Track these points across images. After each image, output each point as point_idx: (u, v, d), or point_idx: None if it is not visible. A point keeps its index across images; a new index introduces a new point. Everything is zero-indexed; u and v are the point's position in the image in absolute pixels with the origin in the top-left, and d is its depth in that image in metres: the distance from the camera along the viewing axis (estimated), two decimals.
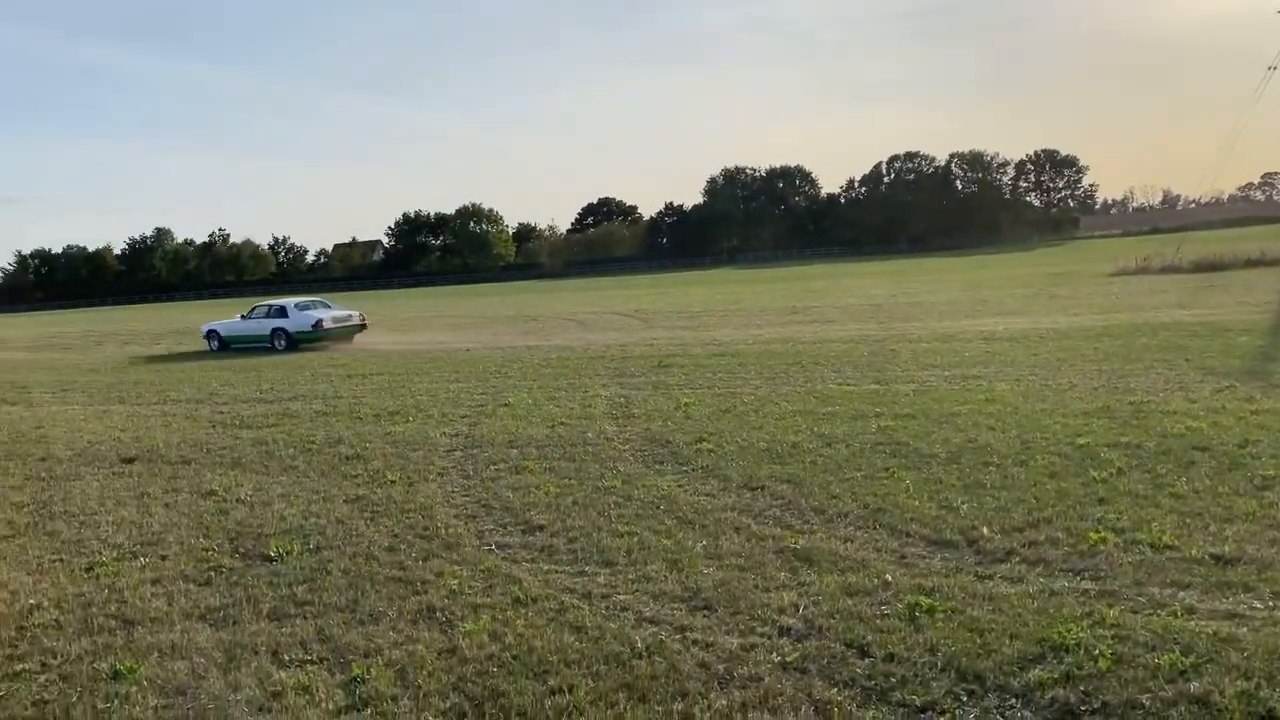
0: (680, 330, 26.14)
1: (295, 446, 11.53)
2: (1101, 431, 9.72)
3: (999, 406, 11.40)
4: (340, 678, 5.10)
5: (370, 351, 24.85)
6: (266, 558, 7.21)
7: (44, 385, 20.78)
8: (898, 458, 9.18)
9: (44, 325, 59.42)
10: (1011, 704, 4.46)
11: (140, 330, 44.82)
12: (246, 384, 18.56)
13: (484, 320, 36.18)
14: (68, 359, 29.27)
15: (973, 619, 5.33)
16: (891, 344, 19.13)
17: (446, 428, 12.22)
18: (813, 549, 6.68)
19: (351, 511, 8.42)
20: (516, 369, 18.60)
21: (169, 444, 12.17)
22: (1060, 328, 20.38)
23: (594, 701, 4.66)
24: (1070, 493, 7.66)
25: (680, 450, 10.09)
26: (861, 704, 4.52)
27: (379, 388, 16.78)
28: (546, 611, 5.84)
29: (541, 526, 7.64)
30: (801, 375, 15.22)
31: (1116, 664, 4.72)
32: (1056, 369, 14.25)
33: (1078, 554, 6.30)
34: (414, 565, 6.84)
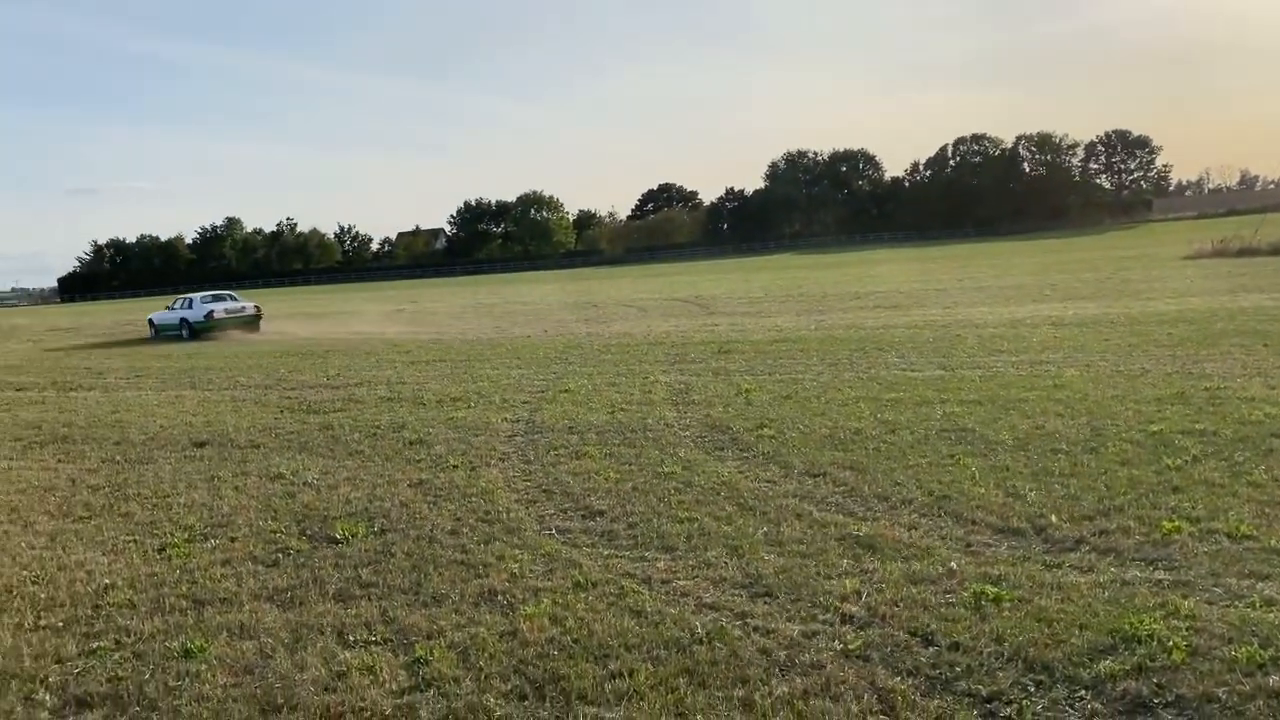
0: (741, 316, 26.02)
1: (360, 431, 11.71)
2: (1176, 418, 9.45)
3: (1068, 393, 11.15)
4: (404, 659, 5.16)
5: (436, 342, 25.13)
6: (332, 540, 7.33)
7: (118, 371, 21.36)
8: (963, 444, 9.03)
9: (119, 312, 61.09)
10: (1081, 695, 4.35)
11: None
12: (313, 370, 18.89)
13: (541, 311, 36.36)
14: (141, 346, 30.04)
15: (1041, 608, 5.21)
16: (957, 329, 18.82)
17: (508, 413, 12.30)
18: (876, 536, 6.59)
19: (415, 495, 8.52)
20: (577, 355, 18.66)
21: (238, 428, 12.43)
22: (1132, 312, 19.86)
23: (654, 686, 4.66)
24: (1143, 481, 7.45)
25: (741, 436, 10.04)
26: (925, 693, 4.45)
27: (442, 374, 16.96)
28: (607, 596, 5.85)
29: (601, 512, 7.65)
30: (864, 361, 15.04)
31: (1191, 656, 4.58)
32: (1128, 354, 13.89)
33: (1151, 543, 6.14)
34: (476, 549, 6.90)
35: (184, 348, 27.58)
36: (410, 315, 37.51)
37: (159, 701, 4.85)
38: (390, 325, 32.43)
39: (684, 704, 4.49)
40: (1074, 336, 16.43)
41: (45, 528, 8.20)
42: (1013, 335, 17.19)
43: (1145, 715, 4.18)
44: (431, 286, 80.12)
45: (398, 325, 32.24)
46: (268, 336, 30.32)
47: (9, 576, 6.91)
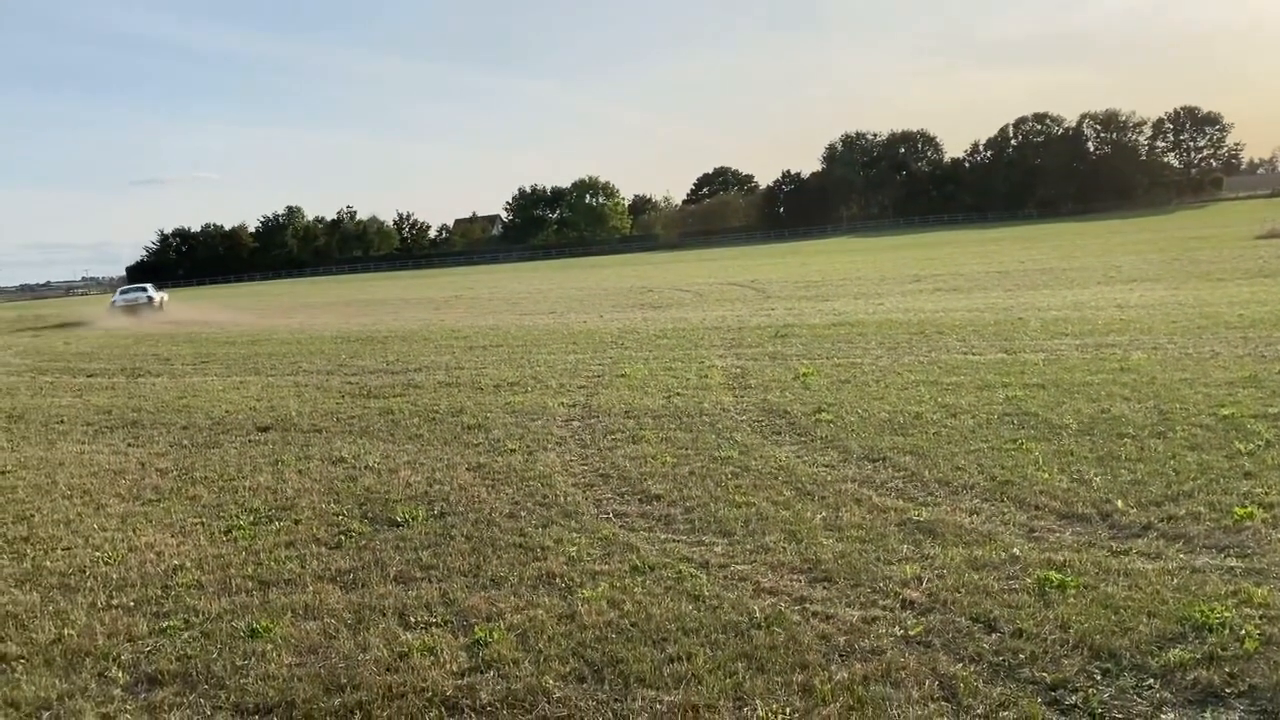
0: (797, 300, 25.82)
1: (420, 416, 11.83)
2: (1248, 402, 9.19)
3: (1134, 376, 10.90)
4: (464, 640, 5.21)
5: (494, 327, 25.32)
6: (393, 523, 7.42)
7: (184, 357, 21.84)
8: (1026, 429, 8.87)
9: (185, 299, 62.41)
10: (1149, 684, 4.26)
11: (274, 303, 46.66)
12: (373, 355, 19.14)
13: (596, 296, 36.41)
14: (205, 332, 30.69)
15: (1107, 595, 5.11)
16: (1019, 312, 18.48)
17: (564, 398, 12.35)
18: (936, 521, 6.51)
19: (473, 479, 8.59)
20: (633, 340, 18.67)
21: (301, 413, 12.64)
22: (1201, 294, 19.34)
23: (712, 670, 4.65)
24: (1213, 466, 7.26)
25: (798, 421, 9.97)
26: (988, 680, 4.38)
27: (499, 359, 17.08)
28: (664, 580, 5.85)
29: (658, 496, 7.65)
30: (924, 345, 14.84)
31: (1264, 645, 4.46)
32: (1197, 336, 13.53)
33: (1222, 530, 5.98)
34: (534, 532, 6.94)
35: (247, 335, 28.11)
36: (468, 302, 37.82)
37: (226, 680, 4.96)
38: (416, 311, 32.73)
39: (742, 688, 4.48)
40: (1140, 319, 16.05)
41: (116, 510, 8.42)
42: (1077, 318, 16.84)
43: (1216, 705, 4.08)
44: (487, 273, 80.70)
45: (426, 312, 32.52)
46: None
47: (82, 557, 7.10)
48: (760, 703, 4.33)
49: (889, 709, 4.20)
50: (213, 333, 29.90)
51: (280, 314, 38.84)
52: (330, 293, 57.25)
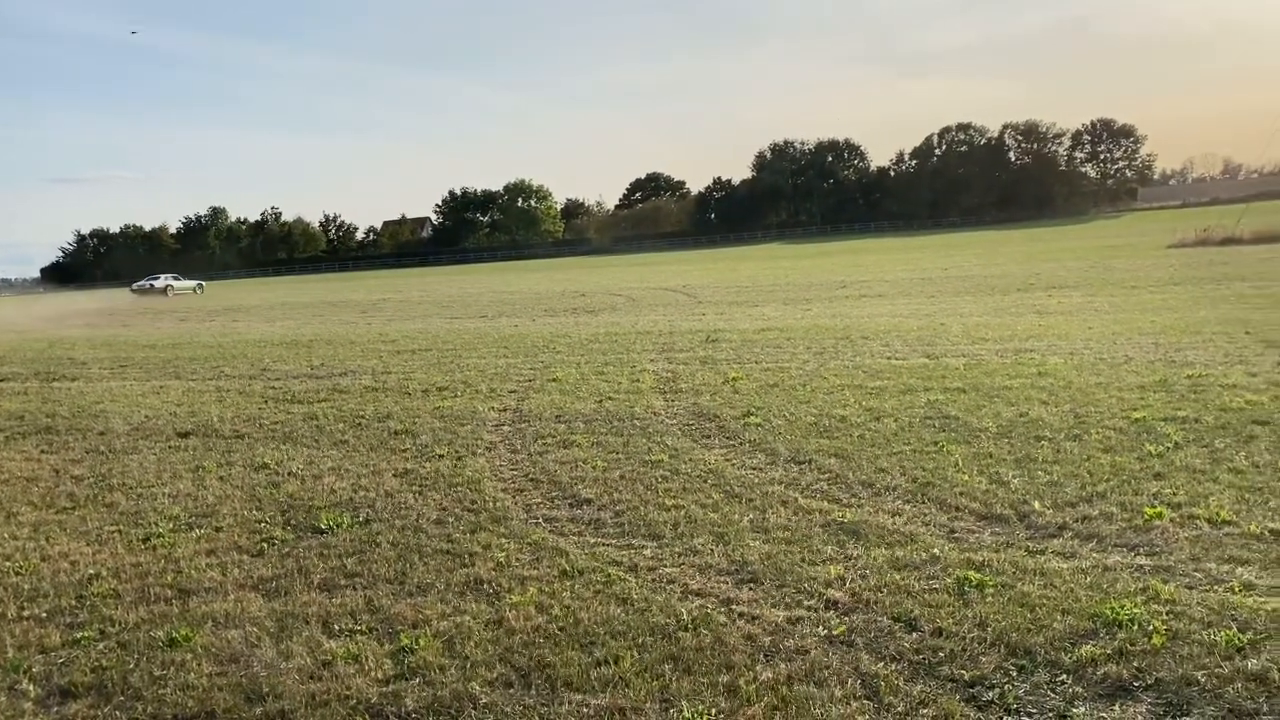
0: (728, 305, 26.03)
1: (345, 421, 11.68)
2: (1158, 405, 9.52)
3: (1052, 380, 11.21)
4: (389, 647, 5.16)
5: (422, 331, 25.07)
6: (317, 530, 7.32)
7: (101, 361, 21.22)
8: (947, 432, 9.07)
9: (100, 302, 60.62)
10: (1062, 679, 4.39)
11: (196, 306, 45.62)
12: (298, 359, 18.82)
13: (528, 300, 36.28)
14: (125, 335, 29.88)
15: (1023, 594, 5.26)
16: (942, 318, 18.88)
17: (494, 403, 12.29)
18: (860, 523, 6.63)
19: (400, 485, 8.51)
20: (565, 344, 18.64)
21: (223, 418, 12.38)
22: (1116, 301, 19.97)
23: (639, 673, 4.68)
24: (1125, 467, 7.51)
25: (727, 424, 10.06)
26: (909, 678, 4.48)
27: (428, 363, 16.92)
28: (593, 584, 5.86)
29: (589, 500, 7.66)
30: (850, 350, 15.08)
31: (1171, 640, 4.63)
32: (1112, 342, 13.97)
33: (1133, 529, 6.19)
34: (462, 538, 6.90)
35: (169, 338, 27.43)
36: (397, 305, 37.39)
37: (144, 691, 4.85)
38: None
39: (669, 690, 4.51)
40: (1058, 325, 16.51)
41: (28, 518, 8.16)
42: (997, 324, 17.26)
43: (1125, 699, 4.22)
44: (417, 275, 79.83)
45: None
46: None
47: None
48: (686, 704, 4.37)
49: (812, 708, 4.27)
50: (133, 336, 29.12)
51: (203, 318, 37.99)
52: (254, 295, 56.15)
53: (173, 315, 40.10)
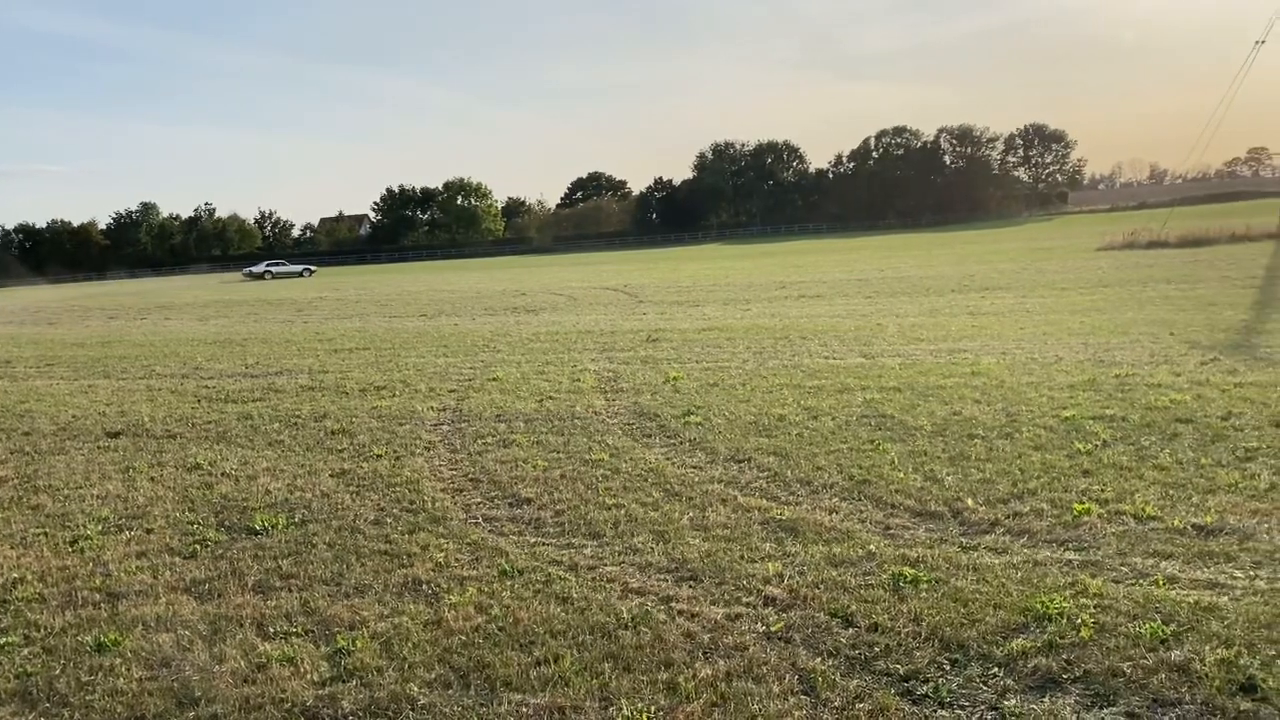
0: (669, 305, 26.11)
1: (281, 421, 11.50)
2: (1087, 404, 9.76)
3: (985, 380, 11.43)
4: (325, 649, 5.10)
5: (360, 330, 24.76)
6: (252, 531, 7.20)
7: (26, 360, 20.64)
8: (883, 430, 9.21)
9: (25, 299, 58.90)
10: (994, 673, 4.49)
11: (126, 304, 44.50)
12: (232, 358, 18.48)
13: (468, 299, 36.02)
14: (52, 334, 29.08)
15: (957, 589, 5.36)
16: (878, 318, 19.14)
17: (433, 402, 12.19)
18: (798, 520, 6.70)
19: (337, 485, 8.41)
20: (505, 344, 18.56)
21: (154, 418, 12.11)
22: (1047, 302, 20.41)
23: (579, 672, 4.68)
24: (1055, 465, 7.69)
25: (668, 424, 10.09)
26: (845, 673, 4.54)
27: (365, 362, 16.73)
28: (533, 584, 5.85)
29: (529, 500, 7.64)
30: (789, 349, 15.22)
31: (1099, 633, 4.75)
32: (1042, 343, 14.28)
33: (1062, 525, 6.34)
34: (400, 539, 6.84)
35: (97, 337, 26.76)
36: (334, 303, 36.86)
37: (70, 697, 4.73)
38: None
39: (608, 688, 4.52)
40: (991, 325, 16.84)
41: None
42: (932, 324, 17.56)
43: (1054, 690, 4.33)
44: (354, 273, 78.78)
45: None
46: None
47: None
48: (626, 702, 4.38)
49: (750, 704, 4.31)
50: (60, 334, 28.35)
51: (134, 316, 37.09)
52: (187, 293, 54.98)
53: (102, 314, 39.11)
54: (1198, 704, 4.12)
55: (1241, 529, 6.04)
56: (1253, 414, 8.93)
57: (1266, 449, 7.78)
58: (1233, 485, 6.89)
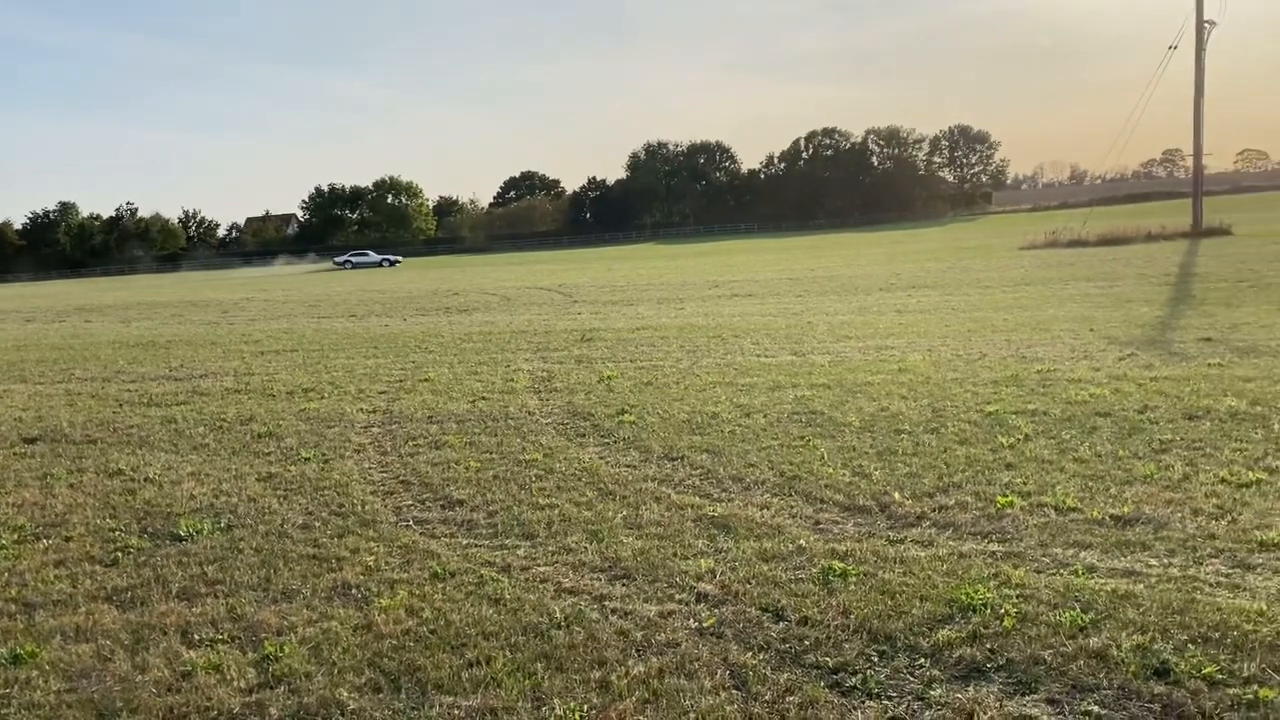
0: (603, 305, 26.12)
1: (206, 424, 11.26)
2: (1010, 399, 9.99)
3: (911, 376, 11.64)
4: (252, 656, 5.01)
5: (288, 331, 24.33)
6: (176, 537, 7.04)
7: None
8: (813, 427, 9.33)
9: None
10: (921, 663, 4.58)
11: (44, 306, 43.16)
12: (155, 361, 18.03)
13: (400, 299, 35.61)
14: None
15: (884, 582, 5.45)
16: (809, 316, 19.37)
17: (363, 404, 12.04)
18: (730, 516, 6.76)
19: (264, 490, 8.26)
20: (437, 344, 18.39)
21: (74, 423, 11.77)
22: (971, 300, 20.85)
23: (511, 672, 4.66)
24: (979, 459, 7.86)
25: (602, 423, 10.10)
26: (776, 667, 4.59)
27: (293, 364, 16.45)
28: (465, 585, 5.82)
29: (461, 501, 7.59)
30: (722, 348, 15.33)
31: (1021, 622, 4.87)
32: (967, 339, 14.59)
33: (986, 517, 6.48)
34: (329, 542, 6.74)
35: (13, 340, 25.90)
36: (261, 304, 36.18)
37: None
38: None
39: (541, 688, 4.51)
40: (918, 323, 17.15)
41: None
42: (860, 322, 17.82)
43: (979, 679, 4.42)
44: (280, 275, 77.42)
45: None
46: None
47: None
48: (559, 701, 4.38)
49: (682, 700, 4.34)
50: None
51: (51, 318, 35.98)
52: (109, 295, 53.52)
53: (17, 316, 37.88)
54: (1114, 689, 4.25)
55: (1156, 518, 6.24)
56: (1167, 407, 9.22)
57: (1180, 441, 8.04)
58: (1148, 476, 7.11)
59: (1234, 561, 5.52)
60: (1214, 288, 19.87)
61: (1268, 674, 4.26)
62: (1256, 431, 8.18)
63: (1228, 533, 5.94)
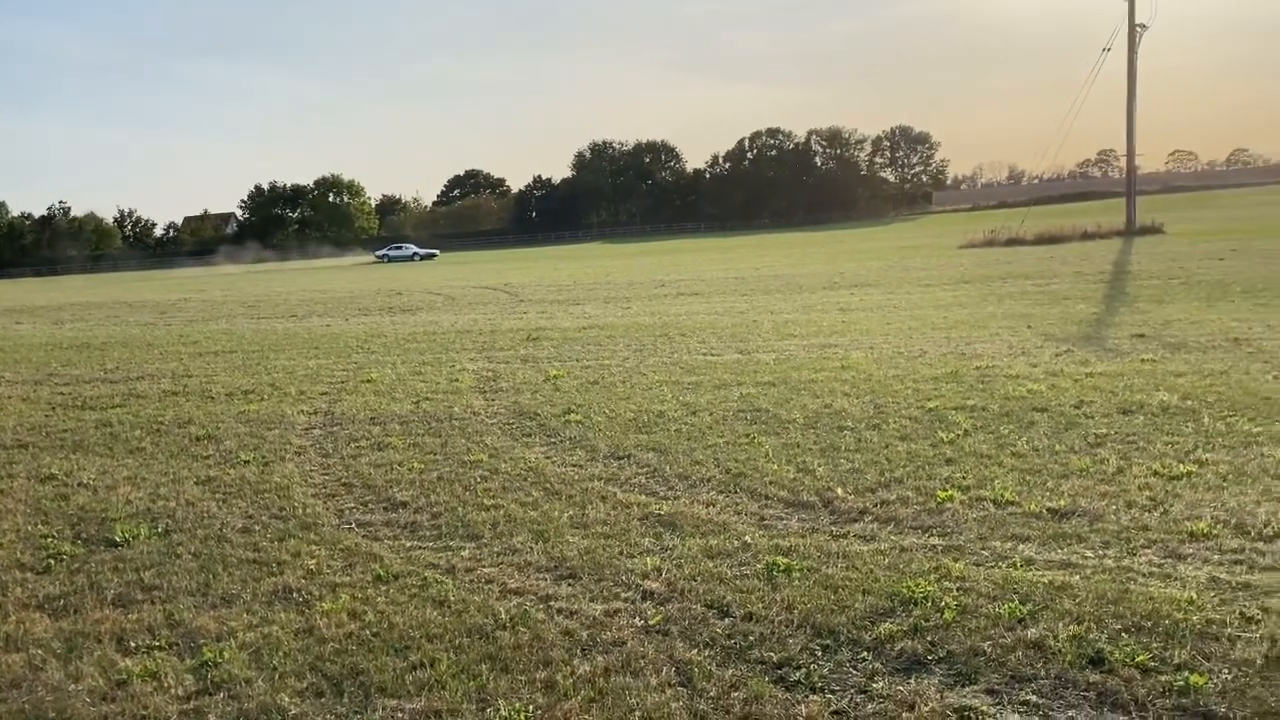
0: (550, 304, 26.04)
1: (142, 428, 11.02)
2: (950, 395, 10.15)
3: (854, 373, 11.77)
4: (190, 662, 4.92)
5: (227, 332, 23.91)
6: (111, 543, 6.89)
7: None
8: (758, 424, 9.39)
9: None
10: (863, 656, 4.63)
11: None
12: (89, 363, 17.61)
13: (342, 299, 35.18)
14: None
15: (827, 577, 5.51)
16: (754, 315, 19.50)
17: (304, 405, 11.88)
18: (676, 514, 6.78)
19: (203, 493, 8.11)
20: (380, 344, 18.20)
21: (3, 427, 11.45)
22: (912, 298, 21.14)
23: (456, 674, 4.63)
24: (920, 454, 7.98)
25: (548, 422, 10.07)
26: (721, 663, 4.62)
27: (233, 365, 16.17)
28: (409, 588, 5.77)
29: (405, 503, 7.52)
30: (668, 346, 15.37)
31: (961, 615, 4.95)
32: (908, 337, 14.79)
33: (926, 512, 6.58)
34: (269, 546, 6.64)
35: None
36: (199, 305, 35.50)
37: None
38: None
39: (486, 690, 4.49)
40: (860, 321, 17.35)
41: None
42: (804, 320, 17.98)
43: (920, 671, 4.49)
44: (221, 274, 76.05)
45: None
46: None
47: None
48: (504, 703, 4.36)
49: (628, 698, 4.34)
50: None
51: None
52: (41, 295, 52.18)
53: None
54: (1051, 678, 4.34)
55: (1092, 511, 6.38)
56: (1102, 402, 9.43)
57: (1114, 435, 8.23)
58: (1084, 470, 7.27)
59: (1166, 552, 5.67)
60: (1147, 285, 20.37)
61: (1197, 660, 4.37)
62: (1187, 425, 8.39)
63: (1160, 524, 6.09)
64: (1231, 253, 27.03)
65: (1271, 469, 7.03)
